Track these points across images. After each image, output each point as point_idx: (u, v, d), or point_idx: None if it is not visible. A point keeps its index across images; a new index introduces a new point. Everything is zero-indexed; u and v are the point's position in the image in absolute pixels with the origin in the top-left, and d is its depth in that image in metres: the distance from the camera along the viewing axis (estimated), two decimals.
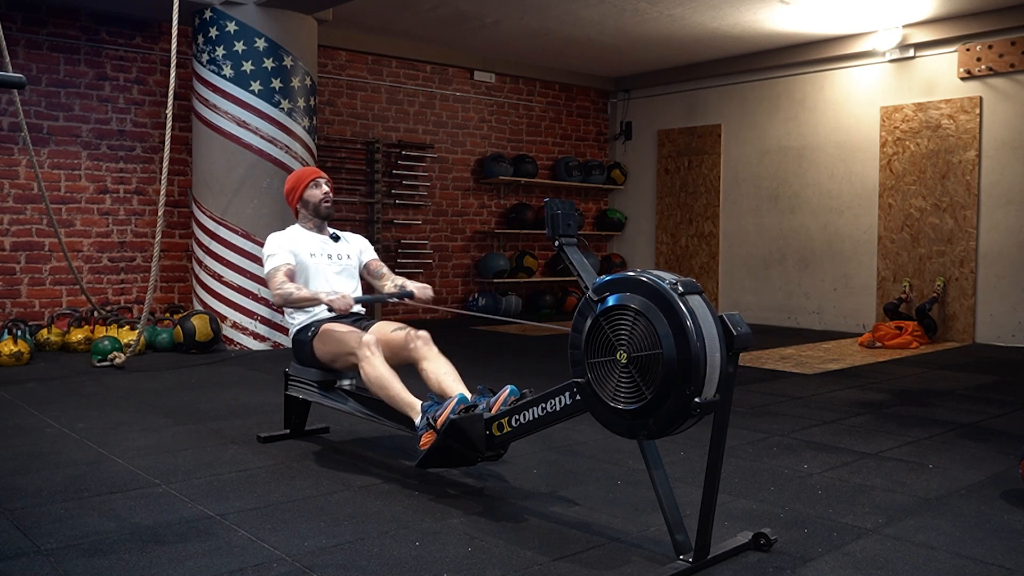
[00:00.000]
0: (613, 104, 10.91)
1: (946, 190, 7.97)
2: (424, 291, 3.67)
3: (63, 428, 4.06)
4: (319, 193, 3.80)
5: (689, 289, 2.29)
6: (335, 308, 3.40)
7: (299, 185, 3.81)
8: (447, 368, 3.32)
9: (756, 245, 9.47)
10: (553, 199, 2.92)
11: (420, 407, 3.14)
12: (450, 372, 3.31)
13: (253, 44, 6.65)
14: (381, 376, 3.25)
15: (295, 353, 3.74)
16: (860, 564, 2.46)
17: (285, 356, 6.38)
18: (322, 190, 3.81)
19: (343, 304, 3.39)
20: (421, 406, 3.14)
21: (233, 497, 3.02)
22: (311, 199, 3.80)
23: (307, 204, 3.81)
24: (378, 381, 3.25)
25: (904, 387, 5.46)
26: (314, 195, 3.79)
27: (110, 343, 6.01)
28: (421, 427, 3.09)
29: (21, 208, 6.91)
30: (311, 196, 3.79)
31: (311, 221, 3.84)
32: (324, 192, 3.81)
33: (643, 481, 3.17)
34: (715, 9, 7.50)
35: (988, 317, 7.77)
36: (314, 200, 3.79)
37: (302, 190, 3.80)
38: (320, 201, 3.80)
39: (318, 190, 3.80)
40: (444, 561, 2.44)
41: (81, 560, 2.43)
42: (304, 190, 3.80)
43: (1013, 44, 7.51)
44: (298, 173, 3.87)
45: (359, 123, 8.80)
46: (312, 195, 3.79)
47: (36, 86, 6.93)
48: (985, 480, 3.33)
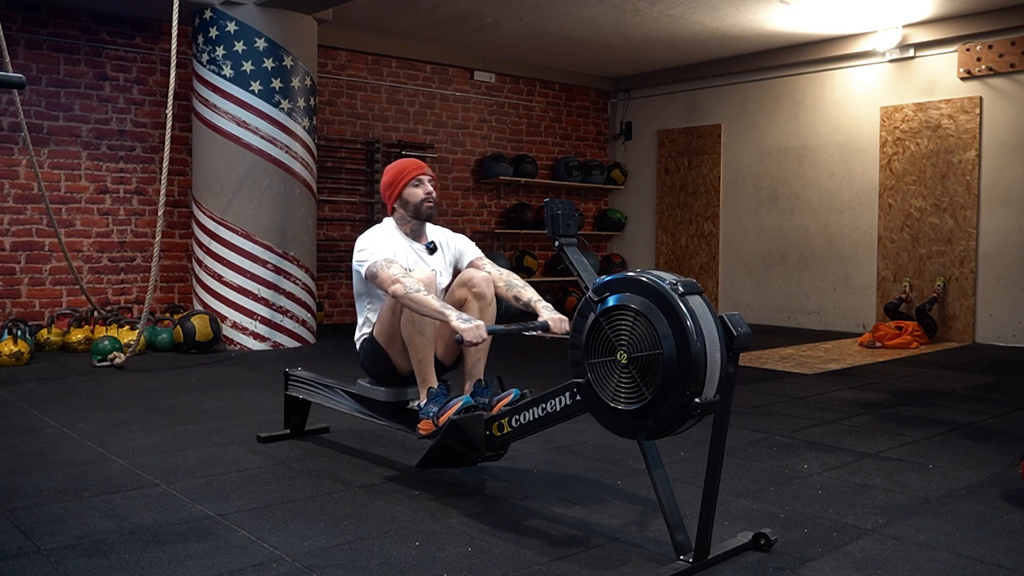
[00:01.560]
0: (613, 104, 10.91)
1: (946, 190, 7.97)
2: (561, 324, 3.09)
3: (63, 428, 4.06)
4: (421, 193, 3.35)
5: (689, 289, 2.29)
6: (464, 338, 2.82)
7: (399, 181, 3.36)
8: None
9: (756, 245, 9.47)
10: (553, 199, 2.93)
11: (429, 390, 3.13)
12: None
13: (253, 44, 6.65)
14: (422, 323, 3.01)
15: (365, 364, 3.40)
16: (860, 564, 2.46)
17: (285, 356, 6.39)
18: (425, 189, 3.36)
19: (474, 335, 2.83)
20: (430, 389, 3.13)
21: (233, 497, 3.02)
22: (411, 199, 3.35)
23: (407, 204, 3.36)
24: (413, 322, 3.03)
25: (904, 387, 5.46)
26: (415, 195, 3.35)
27: (110, 343, 6.01)
28: (423, 413, 3.09)
29: (21, 208, 6.91)
30: (411, 196, 3.35)
31: (409, 224, 3.40)
32: (427, 192, 3.36)
33: (643, 481, 3.17)
34: (715, 9, 7.49)
35: (988, 317, 7.77)
36: (415, 200, 3.35)
37: (402, 187, 3.35)
38: (422, 202, 3.35)
39: (420, 189, 3.35)
40: (444, 561, 2.44)
41: (81, 560, 2.43)
42: (404, 187, 3.35)
43: (1013, 44, 7.51)
44: (398, 166, 3.42)
45: (359, 123, 8.80)
46: (413, 194, 3.35)
47: (36, 86, 6.93)
48: (985, 480, 3.33)
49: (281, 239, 6.77)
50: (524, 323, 3.06)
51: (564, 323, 3.09)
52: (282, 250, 6.78)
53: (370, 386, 3.41)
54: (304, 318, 6.99)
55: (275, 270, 6.76)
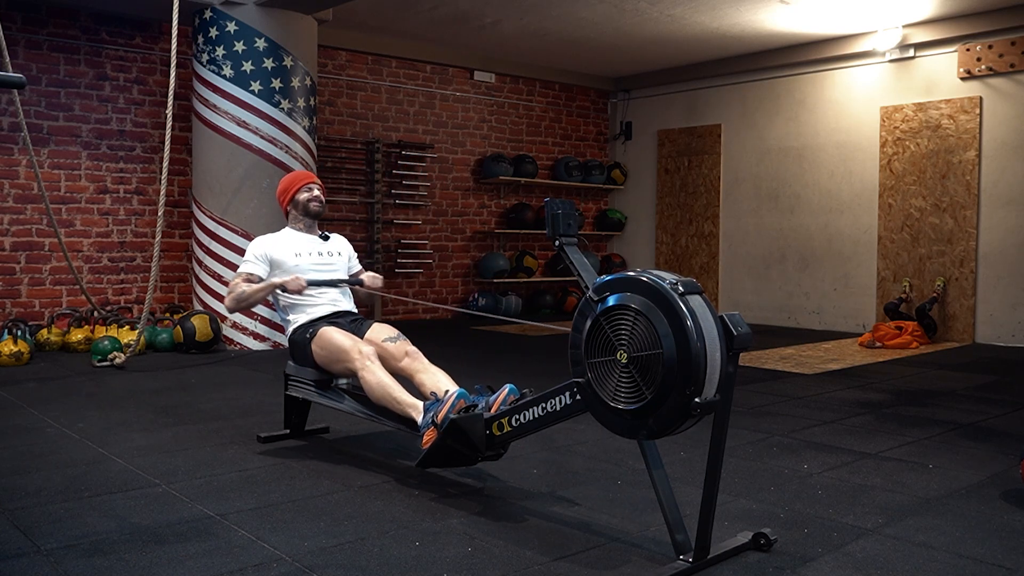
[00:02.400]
0: (613, 104, 10.91)
1: (946, 190, 7.97)
2: (374, 280, 3.90)
3: (63, 428, 4.06)
4: (308, 195, 3.91)
5: (689, 289, 2.29)
6: (288, 289, 3.57)
7: (291, 188, 3.93)
8: (440, 376, 3.41)
9: (756, 245, 9.47)
10: (553, 199, 2.92)
11: (422, 406, 3.14)
12: (444, 378, 3.39)
13: (253, 44, 6.66)
14: (382, 383, 3.31)
15: (292, 353, 3.77)
16: (860, 564, 2.46)
17: (285, 356, 6.35)
18: (313, 193, 3.92)
19: (296, 285, 3.57)
20: (423, 405, 3.15)
21: (233, 497, 3.02)
22: (300, 199, 3.91)
23: (297, 204, 3.92)
24: (380, 389, 3.30)
25: (904, 387, 5.46)
26: (303, 195, 3.91)
27: (110, 343, 6.01)
28: (423, 425, 3.10)
29: (21, 208, 6.91)
30: (301, 197, 3.91)
31: (301, 221, 3.94)
32: (315, 197, 3.92)
33: (643, 481, 3.17)
34: (715, 9, 7.50)
35: (988, 317, 7.77)
36: (302, 199, 3.90)
37: (294, 192, 3.92)
38: (308, 200, 3.91)
39: (309, 193, 3.92)
40: (444, 561, 2.44)
41: (81, 560, 2.43)
42: (296, 192, 3.92)
43: (1013, 44, 7.51)
44: (290, 177, 4.00)
45: (359, 123, 8.80)
46: (302, 196, 3.91)
47: (36, 86, 6.93)
48: (985, 480, 3.33)
49: None
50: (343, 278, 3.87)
51: (377, 279, 3.92)
52: None
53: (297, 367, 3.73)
54: None
55: None
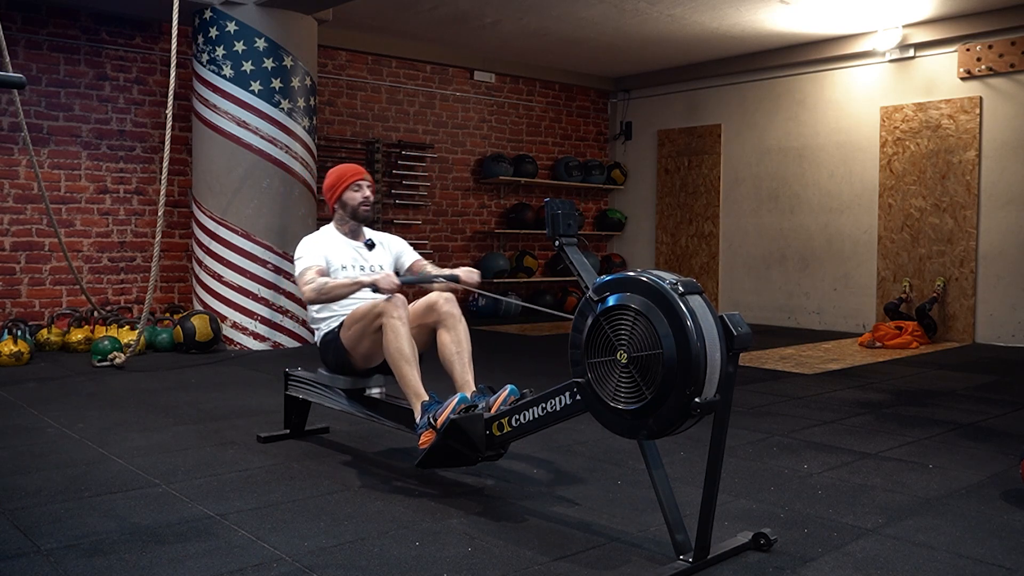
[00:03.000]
0: (613, 104, 10.91)
1: (946, 190, 7.97)
2: (471, 275, 3.49)
3: (63, 428, 4.05)
4: (359, 196, 3.61)
5: (689, 289, 2.29)
6: (380, 287, 3.20)
7: (339, 184, 3.62)
8: (462, 346, 3.28)
9: (756, 245, 9.47)
10: (553, 199, 2.92)
11: (422, 404, 3.14)
12: (464, 352, 3.27)
13: (253, 44, 6.65)
14: (400, 350, 3.17)
15: (324, 357, 3.61)
16: (860, 564, 2.46)
17: (285, 356, 6.39)
18: (363, 193, 3.62)
19: (388, 283, 3.20)
20: (422, 404, 3.14)
21: (233, 497, 3.02)
22: (350, 201, 3.61)
23: (345, 206, 3.63)
24: (396, 354, 3.17)
25: (904, 387, 5.46)
26: (353, 198, 3.61)
27: (110, 343, 6.01)
28: (421, 425, 3.09)
29: (21, 208, 6.91)
30: (350, 199, 3.61)
31: (347, 224, 3.66)
32: (364, 196, 3.62)
33: (643, 481, 3.17)
34: (715, 9, 7.50)
35: (988, 317, 7.77)
36: (353, 203, 3.61)
37: (342, 190, 3.62)
38: (359, 205, 3.62)
39: (358, 193, 3.61)
40: (444, 561, 2.44)
41: (81, 560, 2.43)
42: (344, 191, 3.62)
43: (1013, 44, 7.51)
44: (339, 171, 3.67)
45: (359, 123, 8.80)
46: (351, 197, 3.61)
47: (36, 86, 6.93)
48: (985, 480, 3.33)
49: (281, 239, 6.77)
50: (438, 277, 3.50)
51: (475, 274, 3.49)
52: (282, 250, 6.77)
53: (330, 375, 3.61)
54: (304, 318, 6.99)
55: (275, 270, 6.77)
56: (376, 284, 3.21)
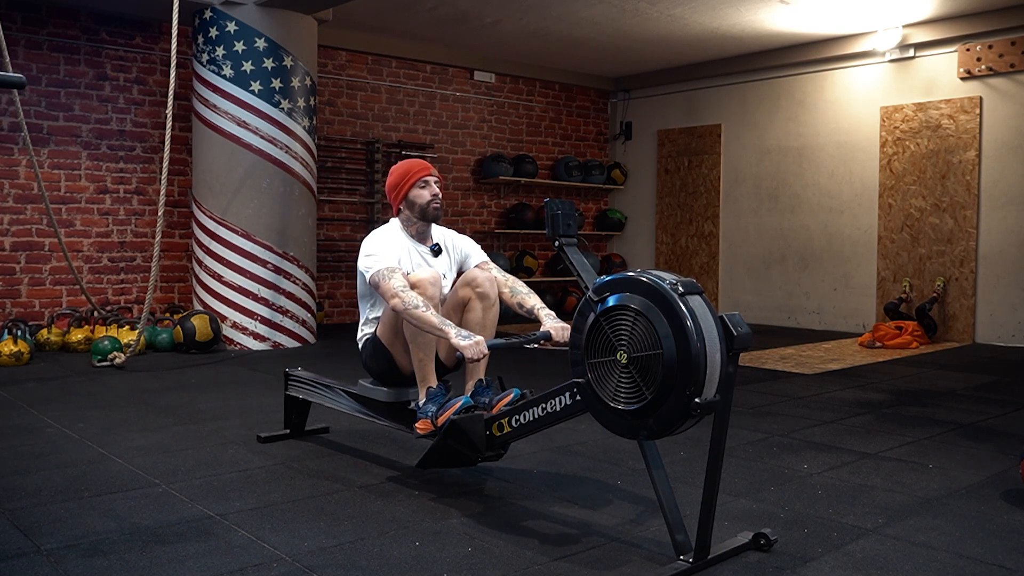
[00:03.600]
0: (613, 104, 10.91)
1: (946, 190, 7.97)
2: (563, 333, 3.05)
3: (63, 428, 4.05)
4: (427, 194, 3.32)
5: (689, 289, 2.29)
6: (465, 355, 2.83)
7: (404, 182, 3.33)
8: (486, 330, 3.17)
9: (756, 245, 9.47)
10: (553, 199, 2.93)
11: (428, 390, 3.13)
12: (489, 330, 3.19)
13: (253, 44, 6.65)
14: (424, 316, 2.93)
15: (368, 363, 3.39)
16: (860, 564, 2.46)
17: (285, 356, 6.39)
18: (431, 190, 3.33)
19: (474, 352, 2.82)
20: (427, 391, 3.13)
21: (233, 497, 3.02)
22: (418, 200, 3.32)
23: (413, 206, 3.33)
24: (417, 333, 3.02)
25: (904, 387, 5.46)
26: (421, 196, 3.32)
27: (110, 343, 6.01)
28: (422, 411, 3.09)
29: (21, 208, 6.91)
30: (418, 197, 3.32)
31: (415, 225, 3.37)
32: (434, 194, 3.33)
33: (643, 481, 3.17)
34: (715, 9, 7.49)
35: (988, 317, 7.77)
36: (421, 202, 3.32)
37: (407, 188, 3.33)
38: (428, 203, 3.32)
39: (426, 190, 3.32)
40: (444, 561, 2.44)
41: (81, 560, 2.43)
42: (410, 189, 3.32)
43: (1013, 44, 7.51)
44: (404, 167, 3.38)
45: (359, 123, 8.80)
46: (419, 196, 3.32)
47: (36, 86, 6.93)
48: (985, 480, 3.33)
49: (281, 239, 6.77)
50: (526, 335, 3.03)
51: (567, 331, 2.99)
52: (282, 250, 6.78)
53: (371, 386, 3.40)
54: (304, 318, 6.99)
55: (275, 270, 6.76)
56: (462, 352, 2.84)
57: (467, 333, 2.87)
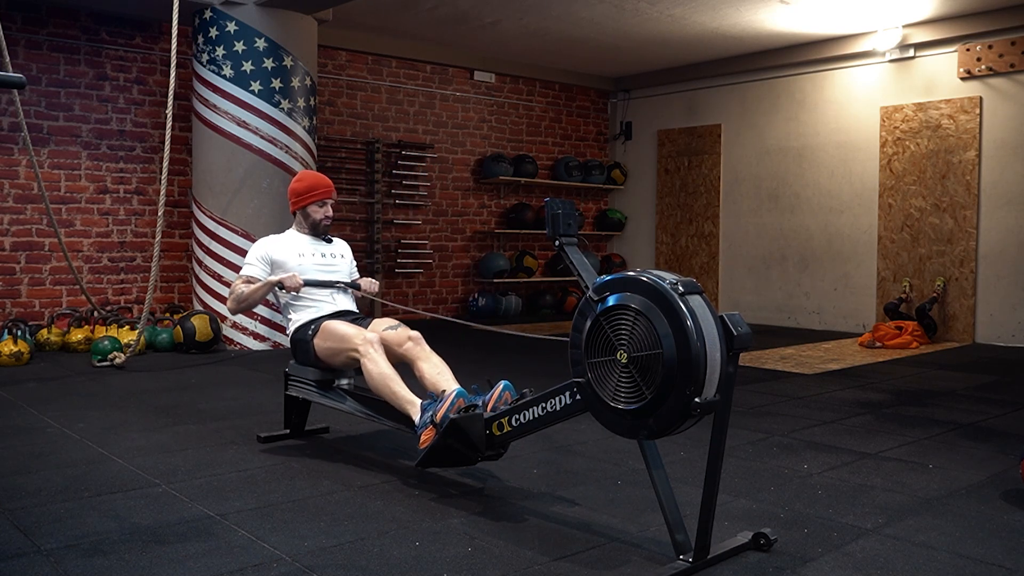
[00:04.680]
0: (613, 104, 10.91)
1: (946, 190, 7.97)
2: (372, 285, 3.82)
3: (63, 428, 4.06)
4: (321, 213, 3.82)
5: (689, 289, 2.29)
6: (285, 286, 3.53)
7: (306, 195, 3.81)
8: (441, 367, 3.37)
9: (756, 245, 9.47)
10: (553, 199, 2.92)
11: (420, 405, 3.14)
12: (445, 371, 3.36)
13: (253, 44, 6.66)
14: (383, 374, 3.29)
15: (294, 352, 3.74)
16: (860, 564, 2.46)
17: (285, 356, 6.37)
18: (326, 211, 3.83)
19: (293, 283, 3.53)
20: (421, 404, 3.14)
21: (233, 497, 3.02)
22: (312, 215, 3.83)
23: (307, 217, 3.84)
24: (381, 379, 3.28)
25: (904, 387, 5.46)
26: (315, 213, 3.82)
27: (110, 343, 6.01)
28: (421, 425, 3.09)
29: (21, 208, 6.91)
30: (313, 212, 3.82)
31: (306, 228, 3.87)
32: (326, 216, 3.84)
33: (643, 481, 3.17)
34: (715, 9, 7.50)
35: (988, 317, 7.77)
36: (315, 217, 3.83)
37: (308, 202, 3.81)
38: (320, 221, 3.84)
39: (321, 210, 3.82)
40: (444, 561, 2.44)
41: (81, 560, 2.43)
42: (309, 203, 3.81)
43: (1013, 44, 7.51)
44: (308, 181, 3.84)
45: (359, 123, 8.80)
46: (314, 211, 3.82)
47: (36, 86, 6.93)
48: (985, 480, 3.33)
49: None
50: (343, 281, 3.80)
51: (375, 285, 3.83)
52: None
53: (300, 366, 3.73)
54: None
55: None
56: (282, 283, 3.53)
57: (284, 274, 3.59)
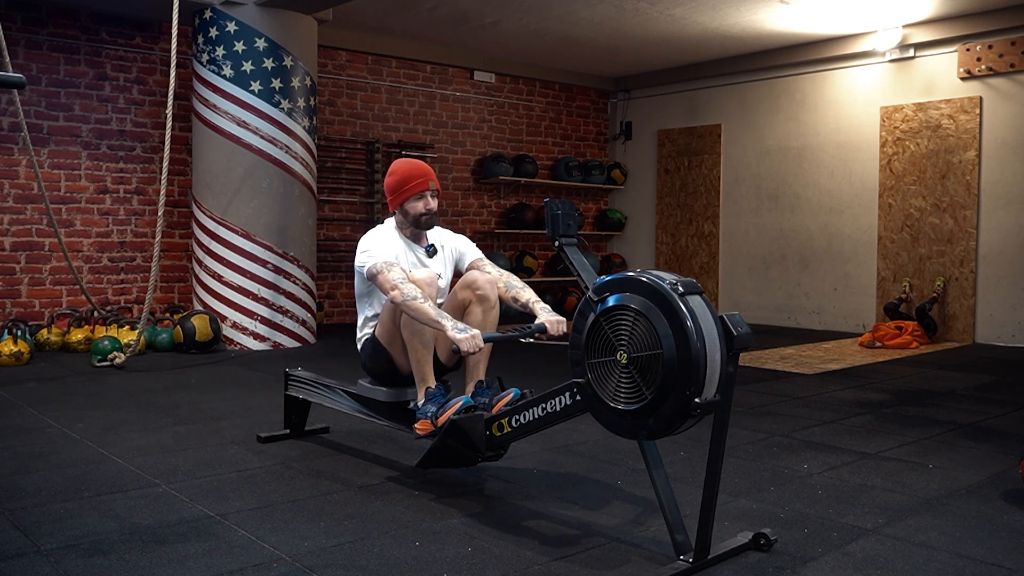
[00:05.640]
0: (613, 104, 10.91)
1: (946, 190, 7.97)
2: (558, 327, 3.12)
3: (63, 428, 4.05)
4: (421, 207, 3.37)
5: (689, 289, 2.29)
6: (461, 348, 2.86)
7: (404, 190, 3.37)
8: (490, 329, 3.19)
9: (756, 245, 9.47)
10: (553, 199, 2.93)
11: (427, 390, 3.13)
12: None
13: (253, 44, 6.65)
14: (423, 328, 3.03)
15: (367, 364, 3.43)
16: (860, 564, 2.46)
17: (285, 356, 6.39)
18: (427, 204, 3.37)
19: (470, 345, 2.86)
20: (428, 389, 3.13)
21: (233, 497, 3.02)
22: (411, 211, 3.37)
23: (407, 214, 3.39)
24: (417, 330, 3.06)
25: (904, 387, 5.46)
26: (416, 208, 3.37)
27: (110, 343, 6.01)
28: (422, 411, 3.09)
29: (21, 208, 6.91)
30: (412, 208, 3.37)
31: (408, 228, 3.44)
32: (428, 207, 3.37)
33: (643, 481, 3.17)
34: (715, 9, 7.49)
35: (988, 317, 7.77)
36: (415, 212, 3.37)
37: (405, 197, 3.37)
38: (420, 215, 3.37)
39: (421, 203, 3.36)
40: (444, 561, 2.44)
41: (81, 560, 2.43)
42: (407, 199, 3.37)
43: (1013, 44, 7.51)
44: (406, 171, 3.41)
45: (359, 123, 8.80)
46: (414, 208, 3.37)
47: (36, 86, 6.93)
48: (985, 480, 3.33)
49: (281, 239, 6.77)
50: (521, 327, 3.06)
51: (562, 325, 3.11)
52: (282, 250, 6.78)
53: (371, 386, 3.42)
54: (304, 318, 6.99)
55: (275, 270, 6.76)
56: (458, 345, 2.87)
57: (463, 326, 2.91)
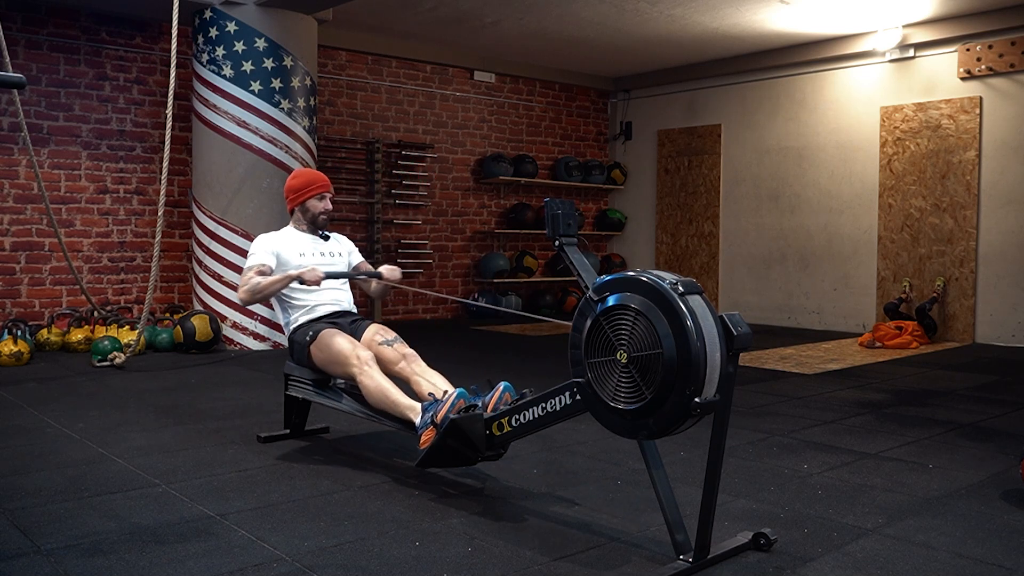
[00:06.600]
0: (613, 104, 10.91)
1: (946, 190, 7.97)
2: (392, 272, 3.77)
3: (63, 428, 4.06)
4: (320, 207, 3.83)
5: (689, 289, 2.29)
6: (305, 280, 3.50)
7: (304, 191, 3.82)
8: (439, 379, 3.40)
9: (756, 245, 9.47)
10: (553, 199, 2.92)
11: (420, 407, 3.15)
12: (442, 381, 3.39)
13: (253, 44, 6.65)
14: (380, 387, 3.30)
15: (291, 351, 3.75)
16: (860, 564, 2.46)
17: (285, 356, 6.36)
18: (325, 204, 3.84)
19: (313, 276, 3.50)
20: (422, 405, 3.15)
21: (233, 497, 3.02)
22: (312, 209, 3.83)
23: (306, 212, 3.84)
24: (379, 393, 3.30)
25: (904, 387, 5.46)
26: (315, 207, 3.83)
27: (110, 343, 6.01)
28: (422, 425, 3.10)
29: (21, 208, 6.91)
30: (312, 206, 3.83)
31: (305, 224, 3.88)
32: (326, 208, 3.85)
33: (643, 481, 3.17)
34: (715, 9, 7.49)
35: (988, 317, 7.77)
36: (314, 211, 3.83)
37: (307, 196, 3.82)
38: (319, 214, 3.84)
39: (321, 203, 3.83)
40: (444, 561, 2.44)
41: (81, 560, 2.43)
42: (310, 197, 3.82)
43: (1013, 44, 7.51)
44: (306, 177, 3.86)
45: (359, 123, 8.80)
46: (314, 206, 3.83)
47: (36, 86, 6.93)
48: (985, 480, 3.33)
49: None
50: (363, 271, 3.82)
51: (396, 271, 3.77)
52: None
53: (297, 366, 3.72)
54: None
55: None
56: (302, 276, 3.51)
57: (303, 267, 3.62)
